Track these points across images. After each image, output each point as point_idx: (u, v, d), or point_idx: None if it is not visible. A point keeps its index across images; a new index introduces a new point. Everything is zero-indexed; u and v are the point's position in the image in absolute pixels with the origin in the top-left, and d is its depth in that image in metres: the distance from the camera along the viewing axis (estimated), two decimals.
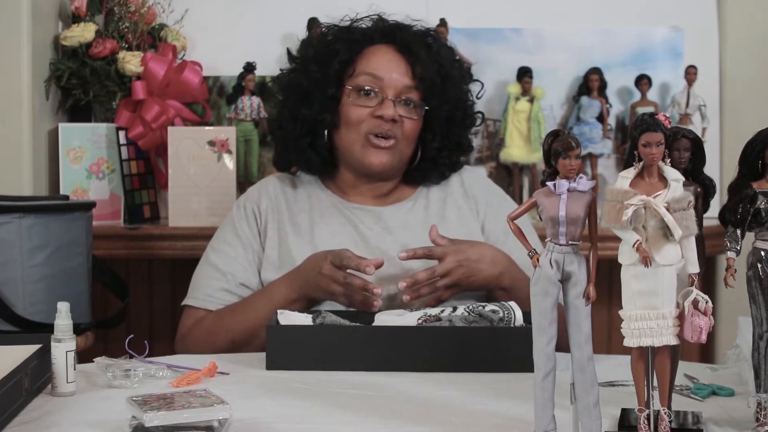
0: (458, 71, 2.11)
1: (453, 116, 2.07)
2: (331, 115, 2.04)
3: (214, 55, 2.86)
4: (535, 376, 1.22)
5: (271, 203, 2.08)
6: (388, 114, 1.98)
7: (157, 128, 2.69)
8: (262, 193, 2.11)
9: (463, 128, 2.12)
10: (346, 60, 2.03)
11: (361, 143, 2.01)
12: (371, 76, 2.01)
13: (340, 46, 2.04)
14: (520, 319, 1.75)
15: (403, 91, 2.01)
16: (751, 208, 1.24)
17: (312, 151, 2.07)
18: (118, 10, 2.78)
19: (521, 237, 1.22)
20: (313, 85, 2.05)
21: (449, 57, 2.10)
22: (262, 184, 2.15)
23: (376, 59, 2.03)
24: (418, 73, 2.01)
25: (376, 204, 2.09)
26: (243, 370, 1.68)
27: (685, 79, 2.77)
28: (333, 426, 1.38)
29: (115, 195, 2.73)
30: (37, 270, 2.07)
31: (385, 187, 2.10)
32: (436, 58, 2.04)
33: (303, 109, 2.06)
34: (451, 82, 2.06)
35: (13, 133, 2.55)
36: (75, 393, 1.52)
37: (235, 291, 2.01)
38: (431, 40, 2.07)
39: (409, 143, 2.04)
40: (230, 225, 2.09)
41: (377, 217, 2.06)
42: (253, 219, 2.07)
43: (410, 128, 2.02)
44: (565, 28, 2.88)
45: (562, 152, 1.19)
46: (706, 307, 1.20)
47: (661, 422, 1.22)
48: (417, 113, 2.03)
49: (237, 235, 2.06)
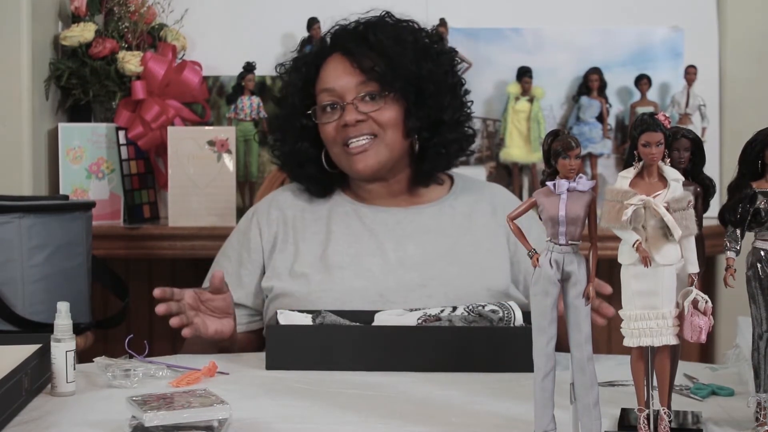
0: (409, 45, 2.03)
1: (422, 91, 2.02)
2: (306, 143, 2.06)
3: (214, 55, 2.86)
4: (535, 376, 1.22)
5: (282, 215, 2.08)
6: (350, 119, 1.98)
7: (156, 128, 2.69)
8: (272, 206, 2.10)
9: (440, 97, 2.04)
10: (302, 88, 2.05)
11: (343, 154, 2.01)
12: (327, 91, 2.02)
13: (293, 78, 2.07)
14: (520, 319, 1.75)
15: (359, 89, 2.00)
16: (750, 207, 1.24)
17: (307, 181, 2.10)
18: (118, 10, 2.78)
19: (521, 237, 1.22)
20: (283, 122, 2.09)
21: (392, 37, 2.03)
22: (274, 196, 2.14)
23: (325, 74, 2.03)
24: (364, 67, 2.00)
25: (394, 205, 2.08)
26: (243, 370, 1.68)
27: (684, 79, 2.77)
28: (333, 426, 1.38)
29: (114, 195, 2.73)
30: (37, 270, 2.07)
31: (395, 185, 2.08)
32: (374, 45, 2.01)
33: (284, 147, 2.10)
34: (399, 60, 2.00)
35: (13, 133, 2.56)
36: (75, 393, 1.52)
37: None
38: (368, 30, 2.04)
39: (393, 131, 2.00)
40: (232, 240, 2.10)
41: (397, 220, 2.05)
42: (257, 231, 2.06)
43: (386, 118, 2.00)
44: (565, 28, 2.88)
45: (562, 152, 1.19)
46: (706, 307, 1.20)
47: (661, 422, 1.22)
48: (384, 101, 2.00)
49: (235, 251, 2.07)
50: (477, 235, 2.03)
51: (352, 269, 1.95)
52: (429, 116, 2.03)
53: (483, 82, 2.85)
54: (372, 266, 1.97)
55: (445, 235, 2.02)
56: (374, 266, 1.97)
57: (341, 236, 2.02)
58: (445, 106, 2.05)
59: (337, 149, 2.02)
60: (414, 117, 2.01)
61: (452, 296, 1.91)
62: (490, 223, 2.05)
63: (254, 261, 2.04)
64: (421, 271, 1.95)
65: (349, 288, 1.92)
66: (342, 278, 1.95)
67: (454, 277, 1.95)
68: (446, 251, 1.99)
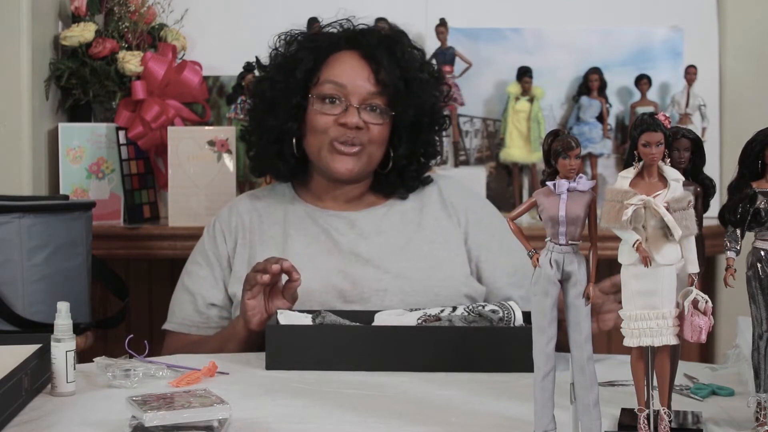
0: (425, 76, 2.08)
1: (420, 121, 2.06)
2: (296, 124, 2.05)
3: (214, 55, 2.86)
4: (535, 376, 1.22)
5: (241, 221, 2.09)
6: (351, 122, 1.98)
7: (156, 128, 2.69)
8: (232, 212, 2.12)
9: (430, 133, 2.10)
10: (310, 68, 2.03)
11: (327, 149, 2.01)
12: (335, 84, 2.00)
13: (304, 55, 2.04)
14: (519, 319, 1.75)
15: (368, 97, 2.00)
16: (751, 207, 1.24)
17: (279, 160, 2.09)
18: (118, 10, 2.78)
19: (521, 237, 1.22)
20: (278, 94, 2.05)
21: (415, 61, 2.08)
22: (233, 204, 2.16)
23: (339, 66, 2.02)
24: (382, 79, 2.00)
25: (349, 209, 2.09)
26: (243, 370, 1.69)
27: (684, 79, 2.77)
28: (333, 426, 1.38)
29: (114, 195, 2.73)
30: (37, 270, 2.07)
31: (356, 191, 2.09)
32: (399, 63, 2.03)
33: (269, 119, 2.07)
34: (417, 88, 2.03)
35: (13, 133, 2.55)
36: (75, 393, 1.52)
37: (204, 311, 2.04)
38: (396, 45, 2.05)
39: (378, 147, 2.03)
40: (201, 246, 2.12)
41: (351, 222, 2.06)
42: (221, 238, 2.09)
43: (378, 133, 2.02)
44: (565, 28, 2.88)
45: (562, 152, 1.19)
46: (706, 307, 1.20)
47: (661, 422, 1.22)
48: (383, 119, 2.02)
49: (205, 256, 2.09)
50: (429, 229, 2.06)
51: (310, 269, 1.94)
52: (414, 146, 2.08)
53: (483, 82, 2.85)
54: (329, 265, 1.99)
55: (399, 232, 2.04)
56: (331, 264, 1.99)
57: (298, 239, 2.04)
58: (430, 143, 2.11)
59: (323, 142, 2.01)
60: (402, 143, 2.05)
61: (409, 290, 1.95)
62: (440, 215, 2.08)
63: (222, 266, 2.07)
64: (377, 268, 1.98)
65: (307, 289, 1.91)
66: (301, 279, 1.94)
67: (409, 270, 1.98)
68: (400, 247, 2.01)
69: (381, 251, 2.01)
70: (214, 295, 2.04)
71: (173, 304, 2.10)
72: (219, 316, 2.04)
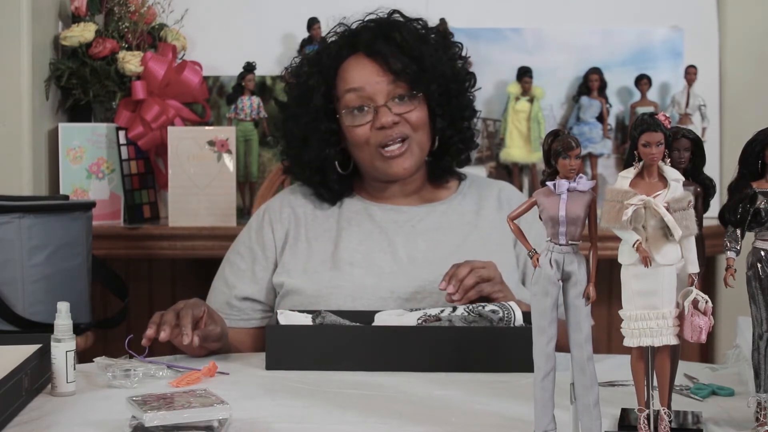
0: (432, 43, 2.05)
1: (447, 89, 2.04)
2: (333, 149, 2.04)
3: (214, 55, 2.86)
4: (535, 376, 1.22)
5: (294, 213, 2.08)
6: (387, 121, 1.97)
7: (157, 128, 2.70)
8: (283, 203, 2.10)
9: (461, 95, 2.08)
10: (325, 91, 2.02)
11: (378, 159, 2.00)
12: (354, 91, 1.99)
13: (314, 81, 2.03)
14: (520, 319, 1.75)
15: (390, 90, 1.99)
16: (751, 208, 1.24)
17: (323, 188, 2.08)
18: (118, 10, 2.78)
19: (521, 237, 1.22)
20: (305, 127, 2.05)
21: (416, 35, 2.04)
22: (285, 193, 2.15)
23: (350, 74, 2.01)
24: (394, 69, 1.99)
25: (406, 203, 2.09)
26: (243, 370, 1.68)
27: (685, 79, 2.78)
28: (333, 426, 1.38)
29: (115, 195, 2.73)
30: (37, 270, 2.08)
31: (411, 185, 2.09)
32: (401, 45, 2.01)
33: (305, 154, 2.06)
34: (429, 60, 2.01)
35: (13, 133, 2.56)
36: (75, 393, 1.52)
37: (235, 304, 2.03)
38: (391, 30, 2.03)
39: (423, 132, 2.02)
40: (246, 236, 2.10)
41: (408, 218, 2.05)
42: (269, 229, 2.07)
43: (417, 118, 2.00)
44: (565, 28, 2.88)
45: (562, 152, 1.19)
46: (706, 307, 1.19)
47: (661, 422, 1.22)
48: (413, 103, 2.01)
49: (249, 248, 2.07)
50: (485, 231, 2.05)
51: (362, 266, 1.96)
52: (452, 115, 2.05)
53: (483, 82, 2.81)
54: (382, 263, 1.98)
55: (454, 232, 2.03)
56: (385, 263, 1.98)
57: (352, 234, 2.03)
58: (466, 104, 2.09)
59: (370, 152, 2.01)
60: (440, 117, 2.04)
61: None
62: (496, 218, 2.07)
63: (268, 258, 2.05)
64: (430, 267, 1.96)
65: (360, 285, 1.93)
66: (352, 275, 1.96)
67: None
68: (455, 247, 2.00)
69: (436, 250, 1.99)
70: (250, 288, 2.02)
71: (212, 287, 2.08)
72: (252, 309, 2.03)
